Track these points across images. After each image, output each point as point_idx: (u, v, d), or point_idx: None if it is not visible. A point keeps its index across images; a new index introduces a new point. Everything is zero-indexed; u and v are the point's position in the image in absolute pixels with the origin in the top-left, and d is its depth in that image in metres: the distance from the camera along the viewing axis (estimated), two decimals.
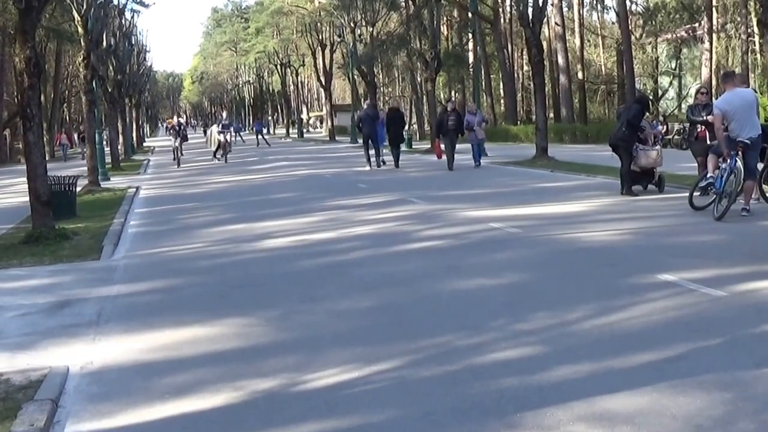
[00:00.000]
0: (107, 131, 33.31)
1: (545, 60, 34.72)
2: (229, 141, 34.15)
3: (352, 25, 50.41)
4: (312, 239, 11.29)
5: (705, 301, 6.62)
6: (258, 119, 70.78)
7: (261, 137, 54.06)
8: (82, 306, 7.77)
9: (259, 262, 9.86)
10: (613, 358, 5.27)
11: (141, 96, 65.16)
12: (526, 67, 54.12)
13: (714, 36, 38.20)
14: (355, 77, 52.98)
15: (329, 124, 63.32)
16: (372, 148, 25.38)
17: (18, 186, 20.77)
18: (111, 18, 33.43)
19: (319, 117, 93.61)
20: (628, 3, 42.49)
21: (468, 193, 16.44)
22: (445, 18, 52.68)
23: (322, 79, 64.39)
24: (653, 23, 44.50)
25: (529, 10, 25.68)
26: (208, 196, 19.63)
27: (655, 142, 15.03)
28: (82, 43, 24.77)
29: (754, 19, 31.49)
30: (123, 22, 40.38)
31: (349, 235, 11.57)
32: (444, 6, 45.16)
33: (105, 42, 31.94)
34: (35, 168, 12.37)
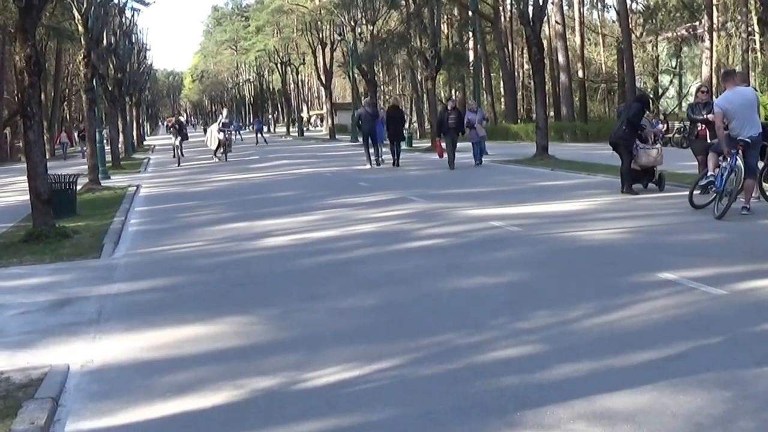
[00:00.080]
0: (107, 130, 33.30)
1: (546, 58, 34.72)
2: (230, 140, 34.14)
3: (352, 24, 50.43)
4: (312, 237, 11.29)
5: (705, 300, 6.62)
6: (258, 118, 70.79)
7: (260, 135, 54.41)
8: (82, 304, 7.78)
9: (260, 260, 9.86)
10: (614, 356, 5.27)
11: (141, 94, 65.15)
12: (526, 66, 54.12)
13: (714, 34, 38.18)
14: (356, 76, 52.99)
15: (329, 122, 63.32)
16: (372, 146, 25.43)
17: (18, 184, 20.79)
18: (111, 16, 33.40)
19: (320, 115, 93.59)
20: (628, 1, 42.48)
21: (468, 192, 16.44)
22: (446, 16, 52.64)
23: (322, 78, 64.40)
24: (654, 21, 44.48)
25: (530, 8, 25.65)
26: (208, 194, 19.63)
27: (656, 140, 15.03)
28: (82, 42, 24.75)
29: (754, 18, 31.48)
30: (123, 20, 40.36)
31: (350, 234, 11.57)
32: (444, 4, 45.13)
33: (105, 40, 31.93)
34: (35, 166, 12.37)
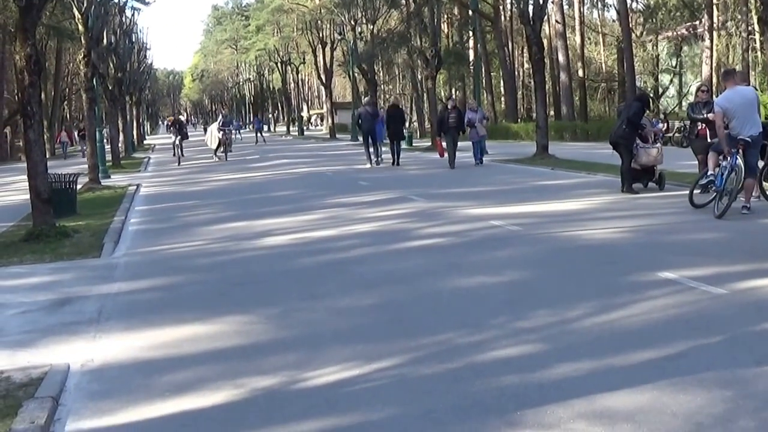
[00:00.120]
0: (108, 129, 33.29)
1: (546, 58, 34.73)
2: (230, 139, 34.10)
3: (352, 23, 50.44)
4: (312, 237, 11.29)
5: (705, 299, 6.62)
6: (257, 117, 70.85)
7: (260, 134, 54.61)
8: (82, 303, 7.78)
9: (260, 259, 9.86)
10: (614, 355, 5.27)
11: (141, 94, 65.14)
12: (526, 65, 54.11)
13: (715, 33, 38.19)
14: (356, 75, 52.98)
15: (330, 121, 63.32)
16: (372, 145, 25.46)
17: (18, 184, 20.79)
18: (111, 16, 33.40)
19: (320, 115, 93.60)
20: (628, 0, 42.49)
21: (469, 191, 16.44)
22: (446, 15, 52.66)
23: (322, 77, 64.42)
24: (654, 21, 44.49)
25: (530, 7, 25.64)
26: (208, 193, 19.63)
27: (656, 139, 15.04)
28: (82, 41, 24.74)
29: (754, 17, 31.45)
30: (123, 19, 40.34)
31: (350, 233, 11.57)
32: (444, 3, 45.16)
33: (105, 40, 31.92)
34: (36, 166, 12.37)
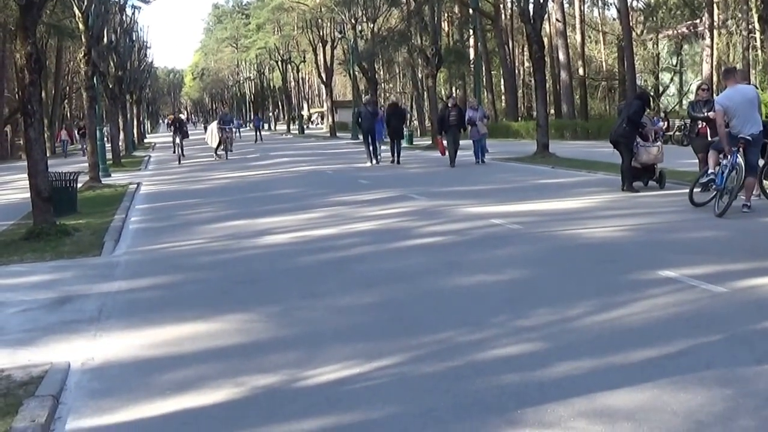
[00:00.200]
0: (108, 127, 33.30)
1: (546, 56, 34.74)
2: (231, 138, 34.05)
3: (352, 22, 50.41)
4: (313, 235, 11.29)
5: (706, 298, 6.62)
6: (257, 116, 70.90)
7: (259, 133, 54.72)
8: (83, 302, 7.78)
9: (260, 258, 9.86)
10: (614, 354, 5.27)
11: (142, 92, 65.17)
12: (527, 64, 54.08)
13: (715, 32, 38.18)
14: (356, 73, 52.97)
15: (330, 120, 63.32)
16: (371, 144, 25.48)
17: (19, 182, 20.78)
18: (112, 14, 33.39)
19: (321, 113, 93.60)
20: None
21: (469, 189, 16.44)
22: (446, 14, 52.65)
23: (323, 76, 64.44)
24: (654, 19, 44.48)
25: (530, 6, 25.65)
26: (209, 192, 19.62)
27: (656, 138, 15.03)
28: (82, 40, 24.73)
29: (755, 16, 31.43)
30: (124, 18, 40.32)
31: (350, 232, 11.57)
32: (445, 2, 45.12)
33: (106, 38, 31.90)
34: (36, 164, 12.37)
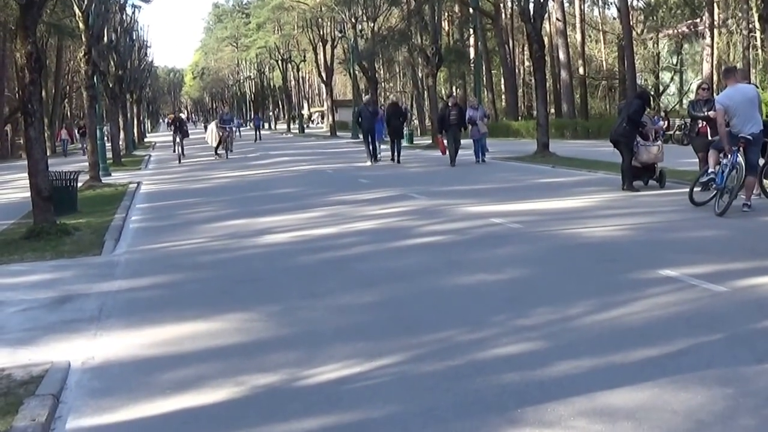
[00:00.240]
0: (108, 126, 33.30)
1: (546, 55, 34.74)
2: (231, 138, 34.01)
3: (353, 21, 50.40)
4: (313, 234, 11.29)
5: (706, 297, 6.62)
6: (257, 115, 70.92)
7: (258, 132, 54.73)
8: (83, 301, 7.78)
9: (260, 257, 9.86)
10: (615, 353, 5.27)
11: (142, 91, 65.17)
12: (527, 63, 54.09)
13: (715, 31, 38.18)
14: (356, 73, 52.97)
15: (330, 119, 63.32)
16: (371, 143, 25.52)
17: (19, 181, 20.79)
18: (112, 13, 33.37)
19: (321, 112, 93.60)
20: None
21: (469, 189, 16.44)
22: (446, 13, 52.65)
23: (323, 75, 64.42)
24: (654, 18, 44.47)
25: (531, 5, 25.64)
26: (209, 191, 19.62)
27: (656, 137, 15.03)
28: (83, 39, 24.73)
29: (755, 15, 31.45)
30: (124, 17, 40.31)
31: (351, 231, 11.57)
32: (445, 1, 45.12)
33: (106, 37, 31.89)
34: (36, 163, 12.37)
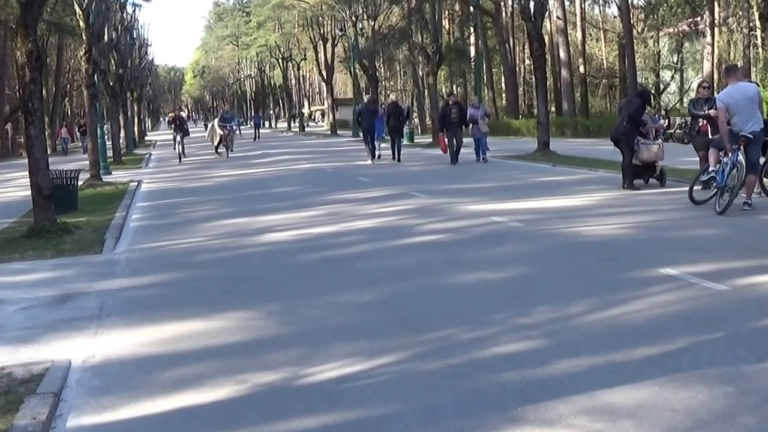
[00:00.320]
0: (109, 125, 33.29)
1: (547, 54, 34.67)
2: (232, 137, 34.00)
3: (353, 19, 50.40)
4: (313, 233, 11.29)
5: (707, 295, 6.62)
6: (257, 113, 70.93)
7: (258, 131, 54.70)
8: (83, 300, 7.78)
9: (261, 256, 9.86)
10: (615, 351, 5.27)
11: (143, 90, 65.16)
12: (527, 61, 54.03)
13: (716, 30, 38.15)
14: (357, 71, 52.96)
15: (330, 118, 63.32)
16: (371, 142, 25.55)
17: (20, 180, 20.80)
18: (112, 12, 33.37)
19: (322, 111, 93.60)
20: None
21: (469, 187, 16.43)
22: (447, 12, 52.63)
23: (323, 73, 64.38)
24: (655, 17, 44.43)
25: (531, 3, 25.62)
26: (209, 190, 19.63)
27: (657, 136, 15.02)
28: (83, 37, 24.73)
29: (756, 13, 31.45)
30: (124, 15, 40.33)
31: (351, 229, 11.57)
32: (445, 0, 45.10)
33: (106, 36, 31.91)
34: (37, 162, 12.37)
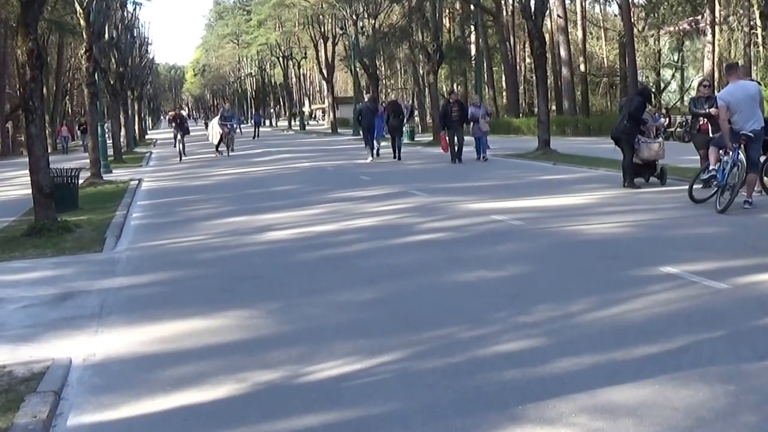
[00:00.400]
0: (109, 123, 33.28)
1: (547, 52, 34.64)
2: (232, 136, 34.00)
3: (354, 18, 50.43)
4: (314, 231, 11.29)
5: (707, 294, 6.62)
6: (258, 112, 70.89)
7: (257, 129, 54.62)
8: (84, 298, 7.78)
9: (261, 254, 9.86)
10: (616, 350, 5.27)
11: (143, 88, 65.13)
12: (528, 60, 54.03)
13: (717, 28, 38.13)
14: (357, 70, 52.96)
15: (331, 116, 63.32)
16: (371, 140, 25.59)
17: (20, 178, 20.81)
18: (113, 10, 33.35)
19: (322, 109, 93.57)
20: None
21: (470, 186, 16.43)
22: (447, 10, 52.62)
23: (324, 72, 64.37)
24: (656, 15, 44.42)
25: (532, 2, 25.62)
26: (210, 188, 19.63)
27: (657, 134, 15.02)
28: (84, 36, 24.73)
29: (756, 12, 31.44)
30: (125, 14, 40.30)
31: (351, 228, 11.57)
32: None
33: (107, 34, 31.88)
34: (37, 160, 12.37)
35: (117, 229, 12.42)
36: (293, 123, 78.26)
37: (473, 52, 48.65)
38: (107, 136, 29.90)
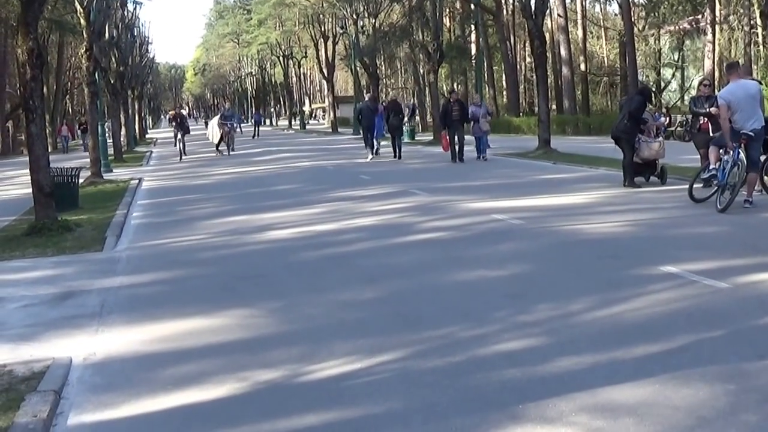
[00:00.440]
0: (110, 123, 33.28)
1: (548, 52, 34.66)
2: (232, 135, 33.99)
3: (354, 17, 50.41)
4: (314, 231, 11.29)
5: (708, 293, 6.62)
6: (258, 111, 70.87)
7: (257, 128, 54.65)
8: (85, 297, 7.78)
9: (262, 253, 9.86)
10: (616, 349, 5.27)
11: (143, 88, 65.14)
12: (528, 59, 54.02)
13: (717, 28, 38.13)
14: (358, 69, 52.95)
15: (331, 115, 63.31)
16: (371, 140, 25.62)
17: (21, 178, 20.81)
18: (113, 9, 33.37)
19: (323, 108, 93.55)
20: None
21: (470, 185, 16.43)
22: (448, 9, 52.61)
23: (324, 71, 64.34)
24: (656, 15, 44.40)
25: (532, 1, 25.62)
26: (210, 187, 19.63)
27: (658, 133, 15.03)
28: (84, 35, 24.73)
29: (757, 11, 31.40)
30: (125, 13, 40.31)
31: (352, 227, 11.57)
32: None
33: (107, 34, 31.90)
34: (38, 160, 12.37)
35: (117, 229, 12.42)
36: (293, 122, 78.22)
37: (473, 51, 48.65)
38: (107, 135, 29.88)
